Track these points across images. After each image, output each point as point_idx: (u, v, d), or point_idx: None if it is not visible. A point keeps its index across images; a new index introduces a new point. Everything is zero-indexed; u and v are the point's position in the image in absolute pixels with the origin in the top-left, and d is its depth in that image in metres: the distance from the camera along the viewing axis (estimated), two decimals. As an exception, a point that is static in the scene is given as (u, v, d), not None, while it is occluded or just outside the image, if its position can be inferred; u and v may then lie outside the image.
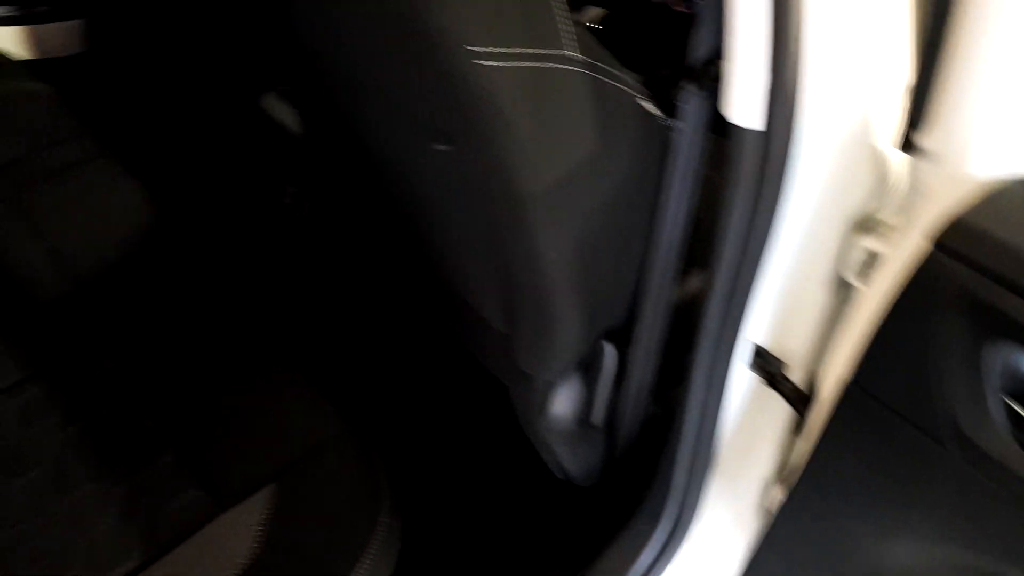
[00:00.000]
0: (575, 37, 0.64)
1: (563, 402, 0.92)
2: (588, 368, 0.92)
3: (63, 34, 1.66)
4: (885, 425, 0.66)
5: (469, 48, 0.59)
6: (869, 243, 0.72)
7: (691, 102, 0.69)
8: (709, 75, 0.67)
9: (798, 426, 0.84)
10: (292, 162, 1.32)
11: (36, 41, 1.64)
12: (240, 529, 0.80)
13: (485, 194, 0.74)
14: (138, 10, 1.66)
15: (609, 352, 0.90)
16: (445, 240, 0.93)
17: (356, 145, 0.98)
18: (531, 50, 0.61)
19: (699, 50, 0.67)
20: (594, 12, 1.46)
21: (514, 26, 0.61)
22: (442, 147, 0.73)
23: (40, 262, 1.08)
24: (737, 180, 0.66)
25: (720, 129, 0.68)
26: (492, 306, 0.91)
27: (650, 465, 0.94)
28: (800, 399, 0.79)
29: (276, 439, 0.89)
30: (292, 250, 1.48)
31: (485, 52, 0.59)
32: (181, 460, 0.87)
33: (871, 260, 0.72)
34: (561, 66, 0.63)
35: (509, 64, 0.61)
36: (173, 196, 1.28)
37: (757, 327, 0.77)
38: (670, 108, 0.73)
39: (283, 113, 1.26)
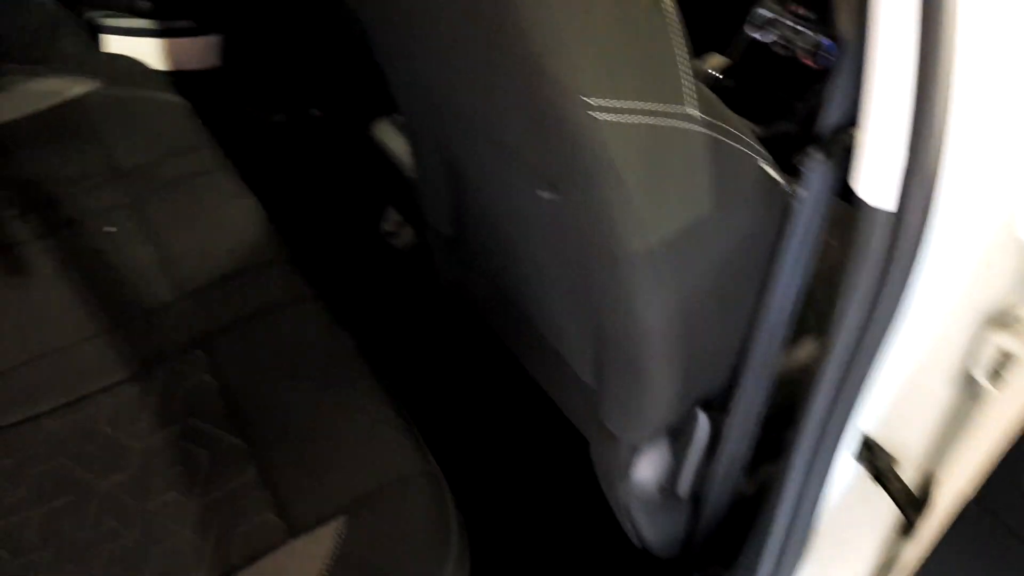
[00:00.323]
0: (697, 94, 0.61)
1: (647, 468, 0.88)
2: (678, 435, 0.88)
3: (201, 49, 1.74)
4: (1009, 551, 0.59)
5: (585, 99, 0.57)
6: (1004, 341, 0.65)
7: (816, 170, 0.65)
8: (839, 144, 0.62)
9: (905, 527, 0.77)
10: (397, 190, 1.33)
11: (175, 54, 1.73)
12: (307, 561, 0.79)
13: (586, 247, 0.71)
14: (272, 30, 1.73)
15: (702, 421, 0.85)
16: (540, 285, 0.91)
17: (461, 180, 0.97)
18: (650, 105, 0.58)
19: (830, 116, 0.63)
20: (716, 60, 1.42)
21: (634, 80, 0.58)
22: (547, 195, 0.71)
23: (151, 267, 1.12)
24: (861, 258, 0.61)
25: (845, 194, 0.63)
26: (582, 359, 0.88)
27: (735, 546, 0.88)
28: (910, 501, 0.72)
29: (356, 469, 0.89)
30: (389, 277, 1.50)
31: (601, 104, 0.57)
32: (261, 481, 0.87)
33: (1005, 360, 0.65)
34: (680, 124, 0.60)
35: (625, 119, 0.58)
36: (282, 213, 1.31)
37: (868, 416, 0.71)
38: (790, 165, 0.69)
39: (393, 141, 1.27)
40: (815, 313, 0.78)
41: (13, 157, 1.34)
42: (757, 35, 1.53)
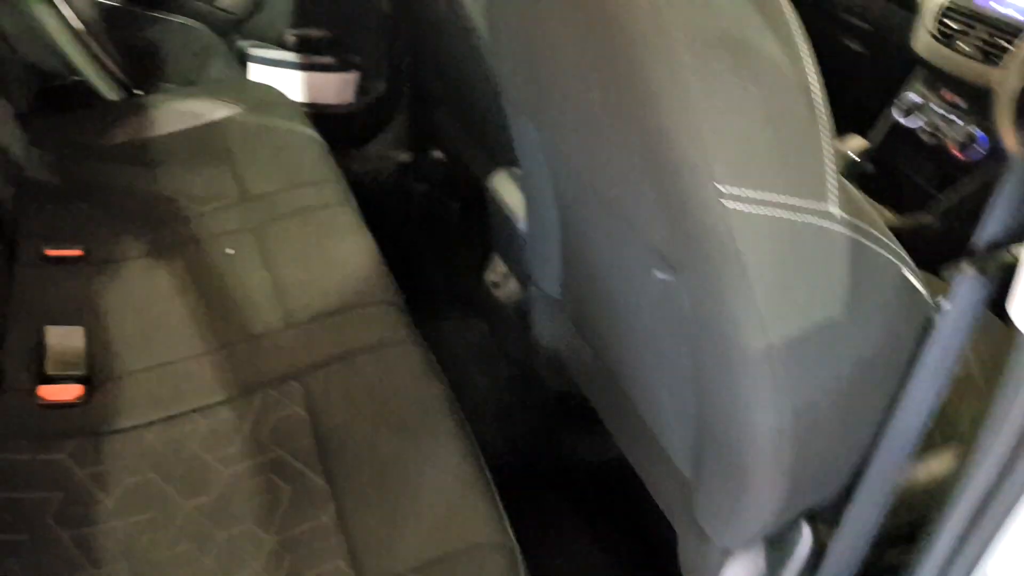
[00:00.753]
0: (840, 191, 0.57)
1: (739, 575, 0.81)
2: (776, 544, 0.81)
3: (338, 85, 1.81)
4: None
5: (717, 186, 0.53)
6: None
7: (967, 285, 0.59)
8: (996, 261, 0.56)
9: None
10: (507, 242, 1.32)
11: (314, 88, 1.80)
12: (370, 618, 0.77)
13: (700, 335, 0.67)
14: (406, 73, 1.78)
15: (806, 533, 0.78)
16: (644, 362, 0.87)
17: (574, 243, 0.95)
18: (788, 199, 0.54)
19: (990, 230, 0.57)
20: (855, 141, 1.36)
21: (772, 171, 0.54)
22: (664, 276, 0.67)
23: (263, 293, 1.15)
24: (1012, 386, 0.54)
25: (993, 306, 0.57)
26: (680, 447, 0.83)
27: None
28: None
29: (433, 529, 0.86)
30: (487, 328, 1.49)
31: (734, 193, 0.53)
32: (337, 525, 0.86)
33: None
34: (819, 222, 0.56)
35: (758, 210, 0.54)
36: (394, 248, 1.33)
37: (1002, 566, 0.63)
38: (925, 258, 0.63)
39: (508, 193, 1.27)
40: (943, 421, 0.71)
41: (155, 171, 1.42)
42: (903, 120, 1.45)
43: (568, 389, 1.15)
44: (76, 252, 1.23)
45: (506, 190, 1.24)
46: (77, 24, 1.62)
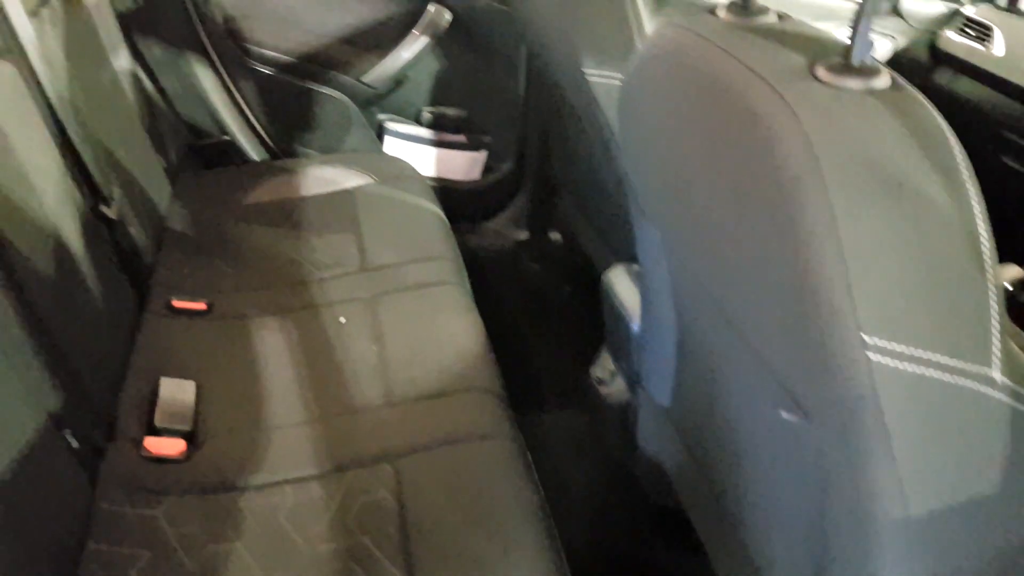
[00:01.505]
0: (1004, 355, 0.50)
1: None
2: None
3: (467, 163, 1.85)
4: None
5: (863, 336, 0.48)
6: None
7: None
8: None
9: None
10: (617, 339, 1.28)
11: (443, 163, 1.84)
12: None
13: (826, 487, 0.60)
14: (533, 154, 1.80)
15: None
16: (757, 499, 0.80)
17: (691, 356, 0.90)
18: (943, 359, 0.48)
19: None
20: (1012, 271, 1.25)
21: (928, 326, 0.49)
22: (791, 417, 0.61)
23: (368, 367, 1.15)
24: None
25: None
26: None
27: None
28: None
29: None
30: (591, 426, 1.43)
31: (882, 346, 0.48)
32: None
33: None
34: (978, 387, 0.49)
35: (908, 367, 0.48)
36: (503, 330, 1.31)
37: None
38: None
39: (624, 289, 1.23)
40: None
41: (286, 232, 1.47)
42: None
43: (669, 504, 1.08)
44: (200, 305, 1.28)
45: (623, 286, 1.20)
46: (232, 87, 1.73)
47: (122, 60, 1.51)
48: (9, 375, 0.85)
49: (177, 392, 1.09)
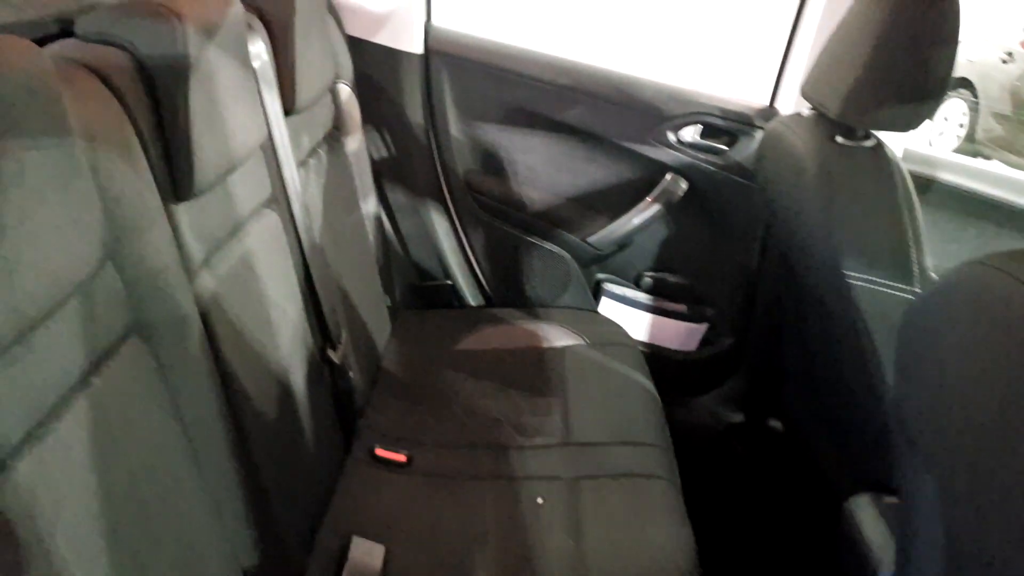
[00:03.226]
0: None
1: None
2: None
3: (684, 333, 1.75)
4: None
5: None
6: None
7: None
8: None
9: None
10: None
11: (658, 331, 1.76)
12: None
13: None
14: (762, 338, 1.67)
15: None
16: None
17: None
18: None
19: None
20: None
21: None
22: None
23: (560, 559, 1.05)
24: None
25: None
26: None
27: None
28: None
29: None
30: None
31: None
32: None
33: None
34: None
35: None
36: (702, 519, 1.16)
37: None
38: None
39: (869, 522, 1.05)
40: None
41: (494, 386, 1.44)
42: None
43: None
44: (401, 457, 1.26)
45: (868, 521, 1.03)
46: (462, 234, 1.78)
47: (370, 204, 1.60)
48: (211, 523, 0.84)
49: (366, 556, 1.05)
